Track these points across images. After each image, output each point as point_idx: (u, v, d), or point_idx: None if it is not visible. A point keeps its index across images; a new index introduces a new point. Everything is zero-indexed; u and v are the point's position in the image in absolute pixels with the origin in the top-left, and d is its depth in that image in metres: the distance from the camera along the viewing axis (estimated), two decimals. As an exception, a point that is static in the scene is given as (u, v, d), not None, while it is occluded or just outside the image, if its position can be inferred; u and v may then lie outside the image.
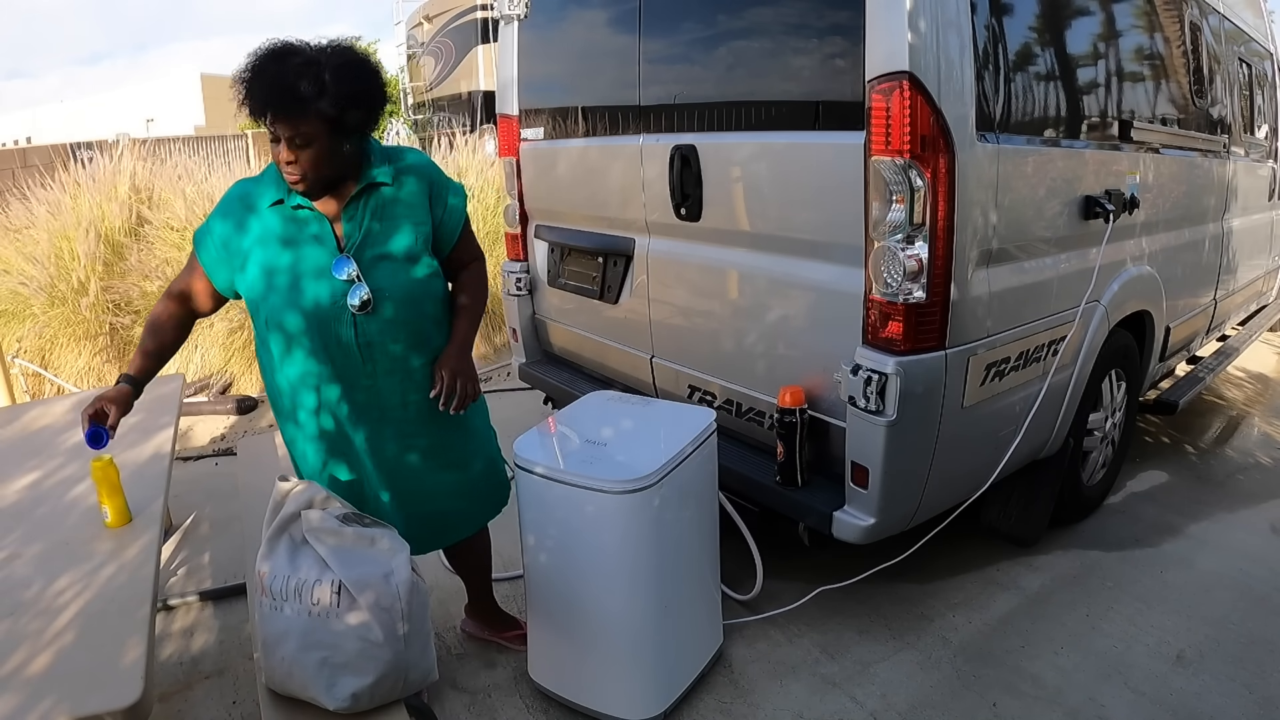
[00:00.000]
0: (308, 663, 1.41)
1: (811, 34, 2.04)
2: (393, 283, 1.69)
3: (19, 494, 1.88)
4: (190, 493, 3.22)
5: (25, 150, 7.63)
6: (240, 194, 1.73)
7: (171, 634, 2.33)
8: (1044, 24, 2.23)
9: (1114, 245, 2.37)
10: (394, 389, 1.74)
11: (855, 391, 1.91)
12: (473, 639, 2.24)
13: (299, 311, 1.65)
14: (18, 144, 19.05)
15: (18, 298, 4.47)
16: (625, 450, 1.82)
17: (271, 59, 1.56)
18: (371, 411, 1.74)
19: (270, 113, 1.55)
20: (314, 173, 1.61)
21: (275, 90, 1.54)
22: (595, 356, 2.98)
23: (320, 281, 1.65)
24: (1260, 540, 2.71)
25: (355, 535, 1.47)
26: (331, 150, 1.60)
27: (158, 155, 5.51)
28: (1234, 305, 3.85)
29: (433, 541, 1.92)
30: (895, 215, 1.81)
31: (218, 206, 1.73)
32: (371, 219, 1.70)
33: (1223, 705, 1.94)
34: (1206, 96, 3.15)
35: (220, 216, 1.71)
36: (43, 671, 1.24)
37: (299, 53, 1.57)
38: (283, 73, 1.54)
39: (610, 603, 1.81)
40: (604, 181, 2.73)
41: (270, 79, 1.54)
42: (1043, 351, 2.22)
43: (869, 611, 2.32)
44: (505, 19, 3.02)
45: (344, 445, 1.77)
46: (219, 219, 1.71)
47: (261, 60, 1.56)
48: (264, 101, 1.55)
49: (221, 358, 4.51)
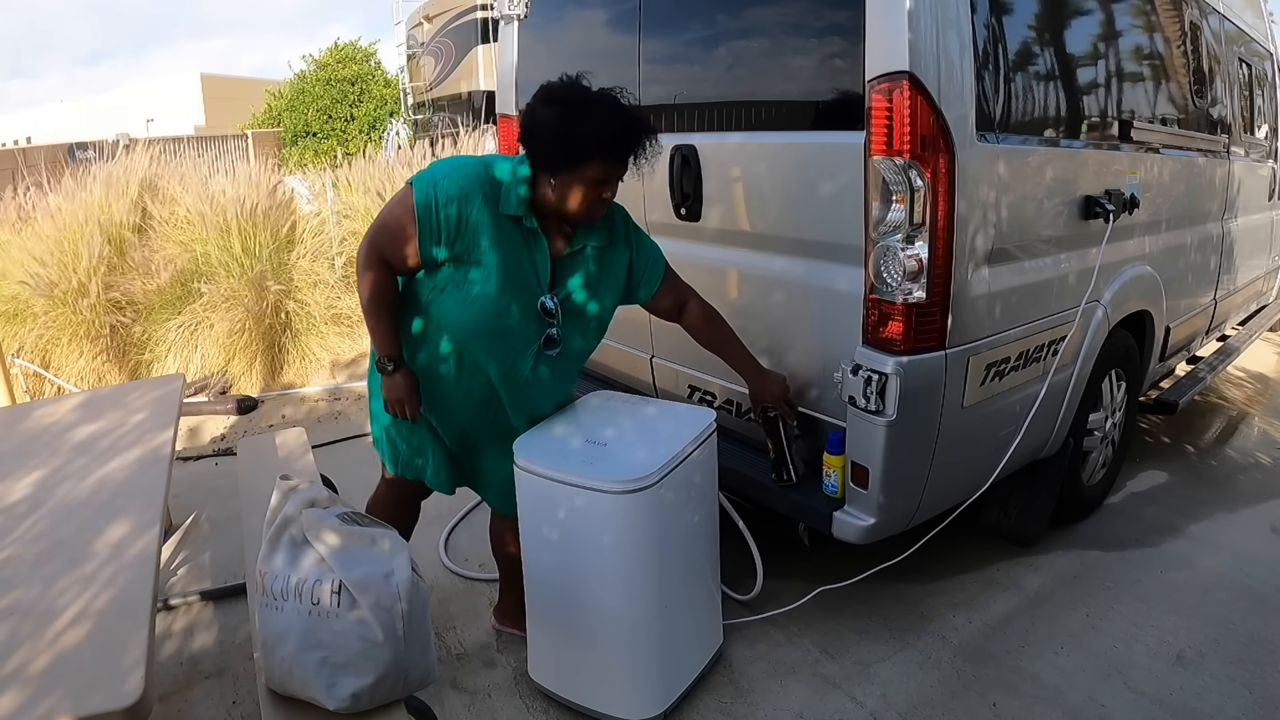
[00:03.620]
0: (308, 662, 1.41)
1: (811, 34, 2.04)
2: (580, 342, 1.88)
3: (19, 494, 1.88)
4: (190, 493, 3.22)
5: (25, 150, 7.63)
6: (483, 178, 1.69)
7: (171, 634, 2.33)
8: (1044, 24, 2.23)
9: (1114, 245, 2.37)
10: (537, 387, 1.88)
11: (855, 391, 1.91)
12: (501, 629, 2.25)
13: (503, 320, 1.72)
14: (18, 144, 19.06)
15: (18, 298, 4.47)
16: (625, 450, 1.82)
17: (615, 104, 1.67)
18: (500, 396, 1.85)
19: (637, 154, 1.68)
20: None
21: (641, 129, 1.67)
22: (595, 356, 2.97)
23: (529, 305, 1.74)
24: (1260, 540, 2.71)
25: (356, 535, 1.47)
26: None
27: (163, 155, 5.51)
28: (1234, 305, 3.85)
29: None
30: (895, 215, 1.81)
31: (457, 178, 1.67)
32: (583, 273, 1.81)
33: (1223, 705, 1.94)
34: (1206, 97, 3.15)
35: (464, 191, 1.67)
36: (43, 671, 1.24)
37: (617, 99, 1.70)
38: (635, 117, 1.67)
39: (610, 603, 1.81)
40: (604, 181, 2.72)
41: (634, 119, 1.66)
42: (1043, 351, 2.22)
43: (869, 611, 2.32)
44: (505, 19, 3.02)
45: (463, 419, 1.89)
46: (464, 192, 1.66)
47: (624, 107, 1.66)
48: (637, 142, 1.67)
49: (222, 358, 4.51)
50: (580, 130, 1.61)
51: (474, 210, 1.67)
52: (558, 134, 1.61)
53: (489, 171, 1.71)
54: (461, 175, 1.68)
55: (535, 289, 1.76)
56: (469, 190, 1.67)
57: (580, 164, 1.63)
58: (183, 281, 4.59)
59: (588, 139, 1.61)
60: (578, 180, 1.66)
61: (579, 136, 1.61)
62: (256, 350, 4.55)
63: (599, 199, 1.70)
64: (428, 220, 1.66)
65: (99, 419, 2.28)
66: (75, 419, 2.31)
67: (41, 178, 5.00)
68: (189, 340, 4.48)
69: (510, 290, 1.72)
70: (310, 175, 6.35)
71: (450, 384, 1.83)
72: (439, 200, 1.65)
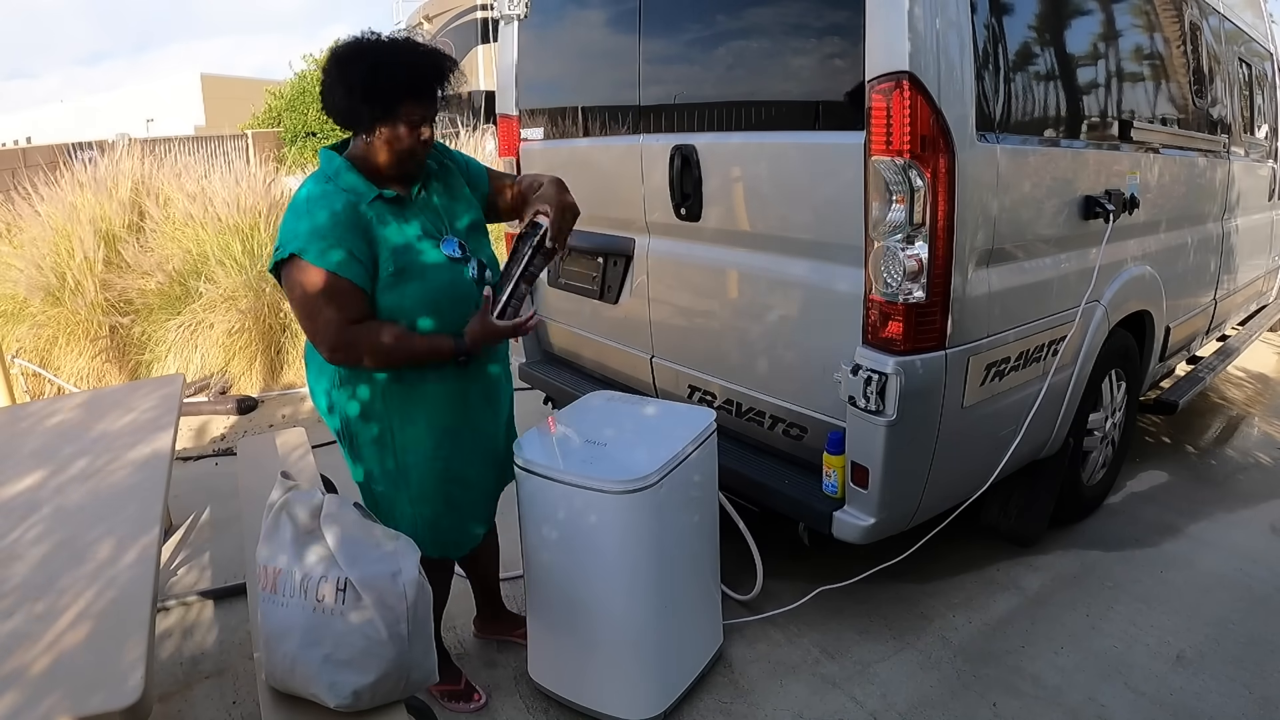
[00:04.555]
0: (310, 659, 1.41)
1: (811, 34, 2.04)
2: (485, 251, 1.80)
3: (19, 494, 1.88)
4: (190, 493, 3.22)
5: (25, 150, 7.63)
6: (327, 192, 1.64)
7: (171, 634, 2.33)
8: (1044, 24, 2.23)
9: (1114, 245, 2.37)
10: (495, 353, 1.83)
11: (855, 391, 1.91)
12: (483, 637, 2.26)
13: (438, 296, 1.68)
14: (18, 144, 19.05)
15: (18, 298, 4.47)
16: (625, 450, 1.82)
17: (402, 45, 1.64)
18: (488, 390, 1.84)
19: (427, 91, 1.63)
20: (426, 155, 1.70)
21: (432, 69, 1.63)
22: (595, 356, 2.98)
23: (440, 262, 1.70)
24: (1260, 540, 2.71)
25: (366, 530, 1.47)
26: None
27: (156, 155, 5.51)
28: (1234, 305, 3.85)
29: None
30: (895, 215, 1.81)
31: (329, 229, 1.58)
32: (439, 197, 1.78)
33: (1223, 705, 1.94)
34: (1206, 96, 3.15)
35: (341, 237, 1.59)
36: (43, 671, 1.24)
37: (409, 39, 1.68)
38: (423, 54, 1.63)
39: (610, 603, 1.81)
40: (604, 182, 2.72)
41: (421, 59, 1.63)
42: (1043, 351, 2.22)
43: (869, 611, 2.32)
44: (505, 19, 3.02)
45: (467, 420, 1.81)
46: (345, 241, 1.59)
47: (394, 46, 1.63)
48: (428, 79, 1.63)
49: (221, 358, 4.52)
50: (387, 74, 1.59)
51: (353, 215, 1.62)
52: (368, 85, 1.59)
53: (323, 184, 1.65)
54: (315, 206, 1.61)
55: (435, 240, 1.71)
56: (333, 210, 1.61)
57: (395, 108, 1.61)
58: (182, 281, 4.60)
59: (395, 80, 1.60)
60: (398, 125, 1.62)
61: (388, 80, 1.59)
62: (256, 350, 4.55)
63: (420, 141, 1.66)
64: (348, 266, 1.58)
65: (99, 419, 2.28)
66: (75, 419, 2.31)
67: (40, 179, 4.99)
68: (189, 340, 4.48)
69: (430, 256, 1.68)
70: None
71: (440, 379, 1.76)
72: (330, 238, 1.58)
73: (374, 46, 1.63)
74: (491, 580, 2.20)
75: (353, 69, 1.60)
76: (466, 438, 1.80)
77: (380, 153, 1.65)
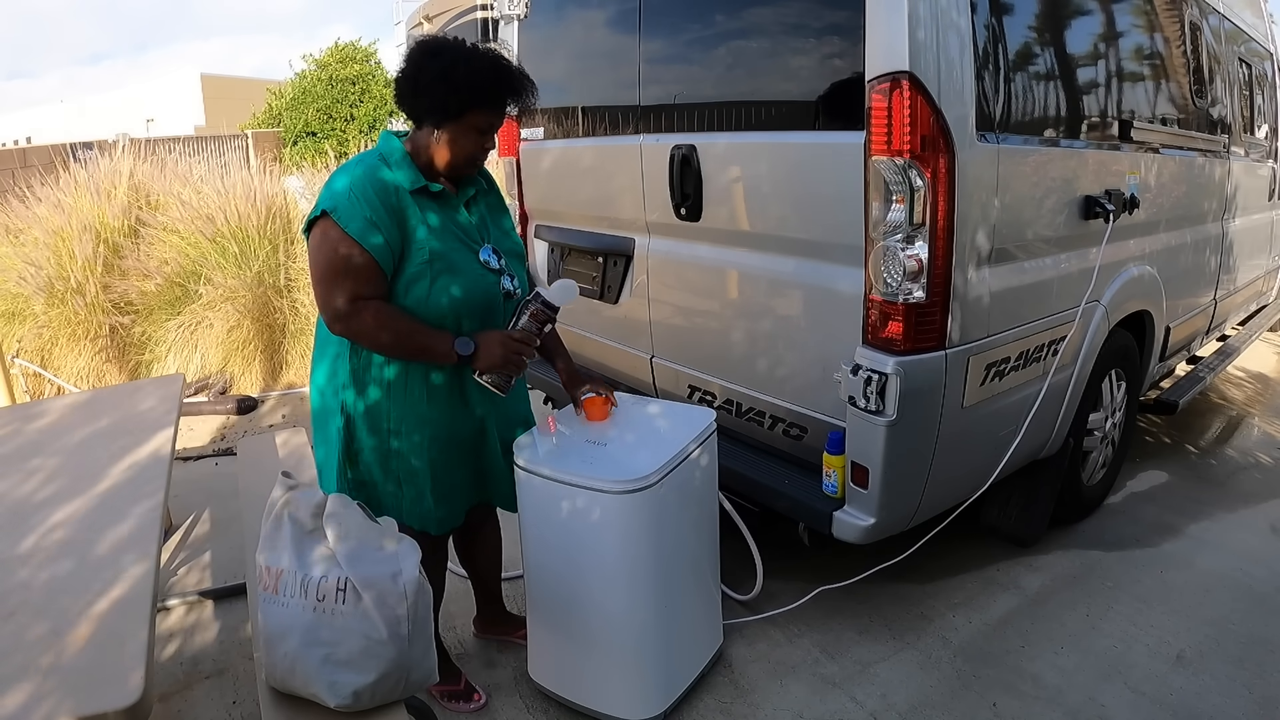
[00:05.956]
0: (310, 659, 1.41)
1: (811, 34, 2.04)
2: (521, 276, 1.85)
3: (19, 495, 1.88)
4: (190, 493, 3.22)
5: (25, 150, 7.64)
6: (377, 166, 1.65)
7: (171, 634, 2.33)
8: (1044, 24, 2.23)
9: (1114, 245, 2.37)
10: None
11: (855, 391, 1.91)
12: (483, 637, 2.26)
13: (469, 297, 1.70)
14: (18, 144, 19.05)
15: (18, 298, 4.47)
16: (626, 450, 1.82)
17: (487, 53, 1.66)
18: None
19: (500, 102, 1.67)
20: (482, 163, 1.78)
21: (512, 82, 1.67)
22: (595, 356, 2.98)
23: (474, 265, 1.73)
24: (1260, 540, 2.71)
25: (367, 530, 1.47)
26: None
27: (156, 155, 5.51)
28: (1234, 305, 3.85)
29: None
30: (895, 215, 1.81)
31: (367, 201, 1.59)
32: (485, 213, 1.83)
33: (1223, 705, 1.94)
34: (1206, 96, 3.15)
35: (376, 212, 1.60)
36: (43, 671, 1.24)
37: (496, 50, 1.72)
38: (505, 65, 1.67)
39: (610, 603, 1.81)
40: (604, 181, 2.73)
41: (503, 70, 1.66)
42: (1043, 351, 2.22)
43: (869, 611, 2.32)
44: (505, 19, 3.02)
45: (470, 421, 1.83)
46: (378, 216, 1.59)
47: (480, 52, 1.65)
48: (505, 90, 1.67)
49: (221, 358, 4.52)
50: (466, 78, 1.61)
51: (394, 199, 1.63)
52: (446, 83, 1.61)
53: (375, 160, 1.67)
54: (361, 178, 1.62)
55: (474, 246, 1.74)
56: (377, 185, 1.62)
57: (467, 111, 1.64)
58: (181, 282, 4.60)
59: (474, 85, 1.62)
60: (466, 128, 1.66)
61: (466, 83, 1.62)
62: (256, 350, 4.56)
63: (482, 148, 1.71)
64: (373, 240, 1.59)
65: (99, 419, 2.29)
66: (76, 419, 2.31)
67: (42, 178, 4.99)
68: (188, 340, 4.48)
69: (464, 257, 1.70)
70: (308, 174, 6.35)
71: (451, 380, 1.78)
72: (365, 209, 1.59)
73: (461, 47, 1.65)
74: (492, 580, 2.20)
75: (438, 63, 1.62)
76: (461, 423, 1.81)
77: (441, 151, 1.68)
